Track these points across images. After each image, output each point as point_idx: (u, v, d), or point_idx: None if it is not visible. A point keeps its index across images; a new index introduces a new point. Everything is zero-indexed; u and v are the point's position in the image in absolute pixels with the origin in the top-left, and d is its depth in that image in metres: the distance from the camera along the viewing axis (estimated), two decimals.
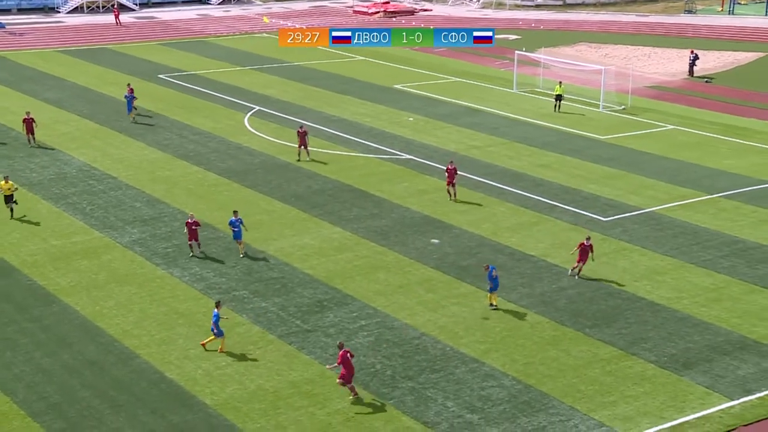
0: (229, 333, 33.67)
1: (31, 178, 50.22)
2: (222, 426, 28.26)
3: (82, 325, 34.27)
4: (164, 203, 46.84)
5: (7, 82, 72.69)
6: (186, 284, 37.77)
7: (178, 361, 31.85)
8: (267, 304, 36.15)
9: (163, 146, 56.66)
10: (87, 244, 41.53)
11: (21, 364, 31.44)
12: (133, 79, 74.26)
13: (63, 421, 28.29)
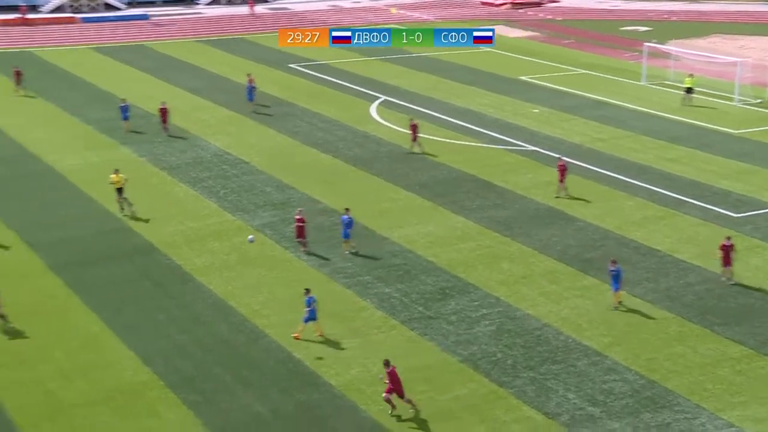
0: (354, 317, 34.25)
1: (170, 162, 51.82)
2: (346, 407, 28.75)
3: (214, 303, 35.31)
4: (293, 188, 47.75)
5: (150, 71, 75.01)
6: (313, 268, 38.45)
7: (305, 342, 32.50)
8: (390, 290, 36.51)
9: (293, 133, 57.70)
10: (220, 226, 42.68)
11: (160, 339, 32.63)
12: (265, 69, 75.98)
13: (197, 394, 29.29)
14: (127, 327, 33.27)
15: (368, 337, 32.97)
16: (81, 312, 34.34)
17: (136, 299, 35.45)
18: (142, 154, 52.96)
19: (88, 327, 33.27)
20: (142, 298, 35.63)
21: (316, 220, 42.58)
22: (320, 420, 28.19)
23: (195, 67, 76.95)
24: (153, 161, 51.77)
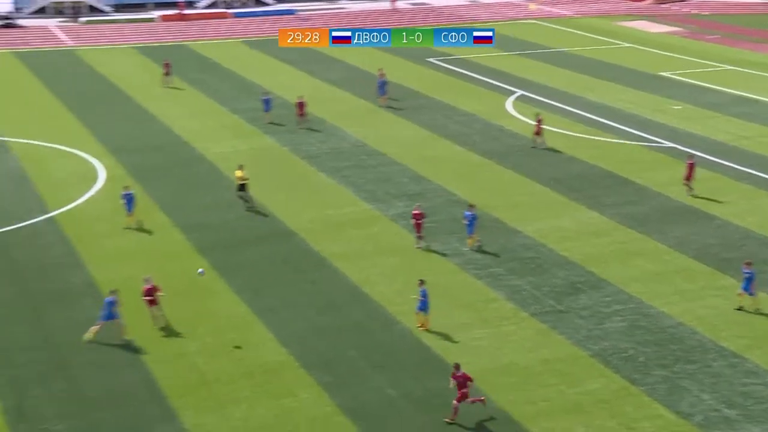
0: (484, 308, 34.34)
1: (311, 152, 52.81)
2: (476, 395, 28.72)
3: (350, 290, 35.92)
4: (428, 180, 48.06)
5: (294, 63, 76.43)
6: (445, 258, 38.67)
7: (436, 330, 32.75)
8: (521, 283, 36.42)
9: (429, 126, 58.01)
10: (357, 215, 43.34)
11: (298, 322, 33.38)
12: (404, 62, 76.50)
13: (331, 376, 29.91)
14: (267, 309, 34.18)
15: (498, 328, 33.00)
16: (225, 293, 35.44)
17: (276, 283, 36.36)
18: (285, 143, 54.22)
19: (231, 308, 34.31)
20: (281, 281, 36.52)
21: (449, 210, 42.87)
22: (449, 407, 28.33)
23: (336, 60, 78.07)
24: (294, 150, 52.93)
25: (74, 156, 51.60)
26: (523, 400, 28.64)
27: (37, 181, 47.55)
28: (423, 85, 68.81)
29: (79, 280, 36.32)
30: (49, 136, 55.06)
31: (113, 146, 53.11)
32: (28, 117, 59.44)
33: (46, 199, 44.92)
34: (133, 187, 45.37)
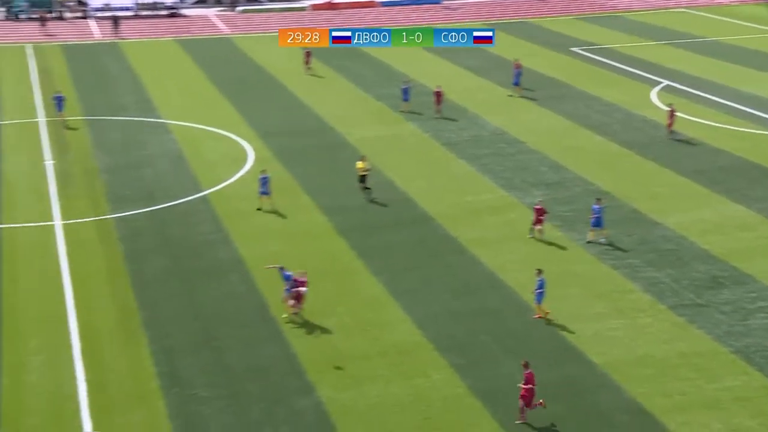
0: (620, 298, 33.88)
1: (451, 139, 52.93)
2: (609, 385, 28.60)
3: (486, 275, 36.00)
4: (567, 169, 47.55)
5: (437, 52, 75.87)
6: (582, 248, 38.27)
7: (570, 319, 32.52)
8: (660, 275, 35.71)
9: (570, 115, 57.30)
10: (494, 202, 43.30)
11: (433, 304, 33.68)
12: (547, 52, 75.71)
13: (464, 358, 30.14)
14: (404, 291, 34.61)
15: (634, 320, 32.51)
16: (363, 274, 36.04)
17: (413, 266, 36.72)
18: (426, 130, 54.53)
19: (369, 288, 34.90)
20: (419, 265, 36.85)
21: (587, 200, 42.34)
22: (582, 395, 28.23)
23: (479, 49, 77.57)
24: (435, 137, 53.19)
25: (227, 139, 53.24)
26: (658, 393, 28.18)
27: (193, 161, 49.32)
28: (565, 74, 67.91)
29: (226, 257, 37.56)
30: (205, 119, 56.88)
31: (262, 130, 54.53)
32: (187, 101, 61.61)
33: (199, 178, 46.57)
34: (279, 170, 46.71)
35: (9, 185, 45.63)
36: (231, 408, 27.53)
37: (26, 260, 37.34)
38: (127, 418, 27.09)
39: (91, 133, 54.18)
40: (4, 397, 28.02)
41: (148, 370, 29.45)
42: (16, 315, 32.87)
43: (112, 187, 45.30)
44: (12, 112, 58.55)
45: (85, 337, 31.44)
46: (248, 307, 33.36)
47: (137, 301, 33.86)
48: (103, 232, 40.00)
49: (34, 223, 40.99)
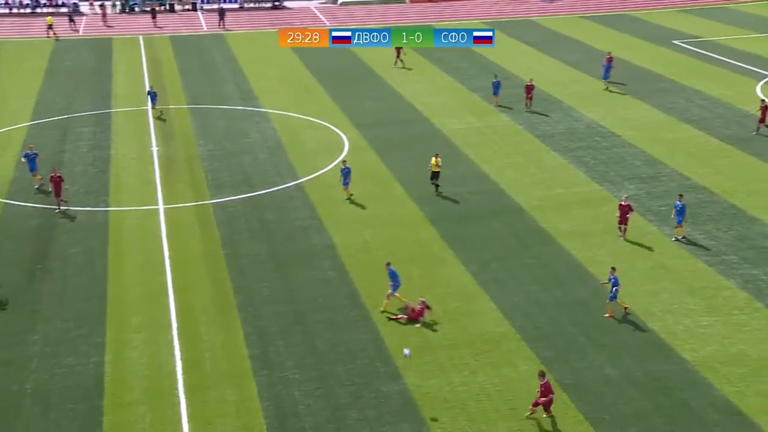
0: (714, 295, 33.11)
1: (545, 131, 52.42)
2: (699, 382, 28.03)
3: (574, 267, 35.59)
4: (663, 164, 46.59)
5: (535, 44, 75.88)
6: (674, 243, 37.50)
7: (661, 314, 31.95)
8: (758, 272, 34.79)
9: (668, 109, 56.07)
10: (586, 195, 42.72)
11: (521, 295, 33.49)
12: (647, 45, 74.19)
13: (551, 350, 29.90)
14: (492, 281, 34.50)
15: (729, 317, 31.76)
16: (453, 263, 36.02)
17: (502, 256, 36.56)
18: (520, 121, 54.08)
19: (457, 278, 34.86)
20: (508, 255, 36.67)
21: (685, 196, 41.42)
22: (671, 391, 27.69)
23: (577, 41, 76.76)
24: (529, 129, 52.71)
25: (324, 128, 53.73)
26: (753, 392, 27.52)
27: (290, 149, 49.93)
28: (666, 68, 66.41)
29: (320, 243, 37.96)
30: (303, 109, 57.50)
31: (358, 120, 54.86)
32: (286, 91, 62.37)
33: (296, 166, 47.15)
34: (373, 159, 46.94)
35: (118, 170, 46.97)
36: (319, 391, 27.88)
37: (131, 242, 38.39)
38: (219, 396, 27.68)
39: (195, 121, 55.35)
40: (107, 371, 28.94)
41: (241, 350, 30.03)
42: (120, 294, 33.87)
43: (212, 174, 46.23)
44: (123, 101, 60.20)
45: (182, 316, 32.23)
46: (339, 292, 33.67)
47: (232, 284, 34.51)
48: (203, 216, 40.87)
49: (139, 206, 42.12)
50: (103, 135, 52.75)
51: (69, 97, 60.56)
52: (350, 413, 26.82)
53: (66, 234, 39.06)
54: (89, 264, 36.27)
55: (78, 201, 42.62)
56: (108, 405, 27.30)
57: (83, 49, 76.00)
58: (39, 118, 55.82)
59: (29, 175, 45.33)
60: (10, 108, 58.22)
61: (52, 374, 28.85)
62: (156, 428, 26.29)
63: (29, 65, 69.93)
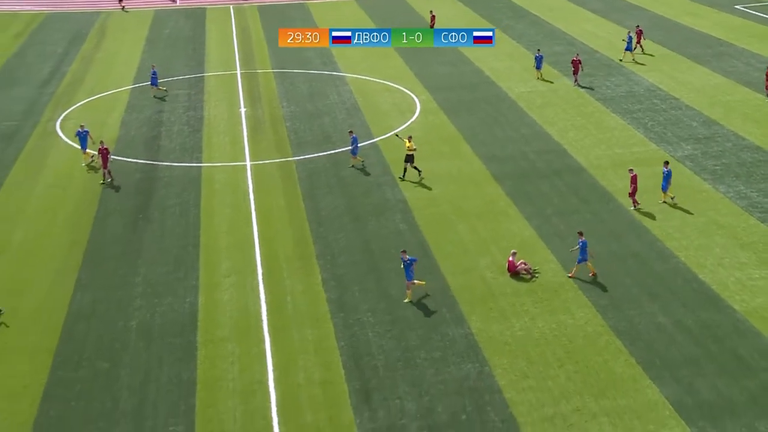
0: (764, 250, 32.58)
1: (606, 94, 51.60)
2: (748, 331, 27.72)
3: (631, 222, 35.25)
4: (719, 125, 45.61)
5: (598, 12, 74.26)
6: (729, 200, 36.85)
7: (713, 267, 31.56)
8: None
9: (727, 72, 54.66)
10: (644, 155, 42.07)
11: (570, 249, 33.20)
12: (708, 10, 72.12)
13: (606, 299, 29.82)
14: (552, 234, 34.40)
15: None
16: (516, 218, 35.97)
17: (562, 211, 36.37)
18: (582, 85, 53.26)
19: (520, 231, 34.82)
20: (568, 211, 36.46)
21: (738, 154, 40.70)
22: (720, 339, 27.44)
23: (638, 7, 74.86)
24: (590, 92, 51.95)
25: (397, 91, 53.71)
26: None
27: (366, 111, 50.08)
28: (727, 33, 64.51)
29: (392, 197, 38.21)
30: (378, 73, 57.52)
31: (430, 84, 54.65)
32: (362, 56, 62.34)
33: (371, 126, 47.33)
34: (444, 120, 46.78)
35: (210, 129, 47.77)
36: (390, 333, 28.30)
37: (221, 196, 39.10)
38: (300, 336, 28.30)
39: (280, 85, 55.82)
40: (201, 311, 29.78)
41: (320, 295, 30.58)
42: (211, 242, 34.65)
43: (295, 133, 46.72)
44: (215, 65, 60.96)
45: (266, 263, 32.89)
46: (409, 243, 33.91)
47: (312, 234, 35.02)
48: (286, 172, 41.41)
49: (228, 163, 42.84)
50: (197, 97, 53.61)
51: (167, 63, 61.51)
52: (419, 354, 27.21)
53: (164, 188, 40.01)
54: (184, 215, 37.15)
55: (175, 158, 43.57)
56: (201, 340, 28.16)
57: (180, 19, 76.97)
58: (140, 82, 56.93)
59: (132, 132, 46.37)
60: (116, 73, 59.48)
61: (153, 312, 29.84)
62: (243, 362, 27.06)
63: (132, 34, 71.13)
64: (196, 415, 24.86)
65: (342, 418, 24.53)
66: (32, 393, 25.96)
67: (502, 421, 24.31)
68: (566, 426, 24.01)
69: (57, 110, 51.23)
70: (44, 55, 64.21)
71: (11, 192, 39.83)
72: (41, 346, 28.18)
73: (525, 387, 25.60)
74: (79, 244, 34.68)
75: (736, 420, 24.01)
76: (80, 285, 31.66)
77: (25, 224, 36.58)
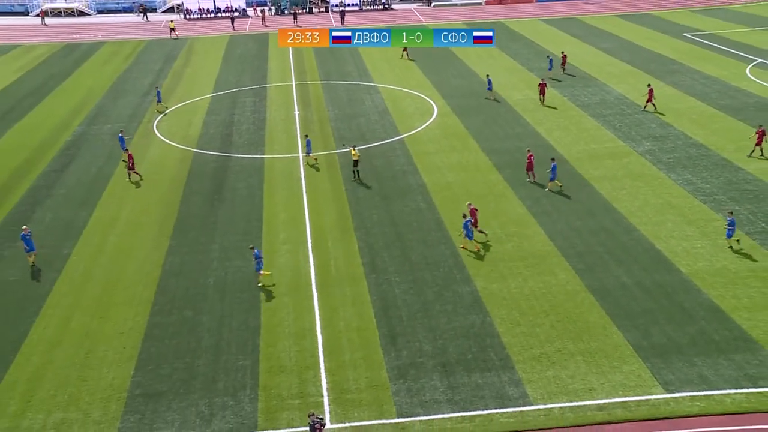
0: (706, 225, 31.87)
1: (584, 101, 50.55)
2: (691, 289, 27.29)
3: (603, 204, 34.62)
4: (672, 126, 44.61)
5: (578, 36, 72.69)
6: (679, 186, 36.07)
7: (665, 238, 30.97)
8: (739, 208, 33.27)
9: (678, 86, 53.39)
10: (613, 150, 41.26)
11: (561, 223, 32.84)
12: (663, 36, 70.51)
13: (583, 264, 29.31)
14: (541, 212, 33.87)
15: (715, 241, 30.66)
16: (512, 199, 35.45)
17: (549, 194, 35.75)
18: (565, 94, 52.33)
19: (515, 209, 34.32)
20: (553, 194, 35.80)
21: (687, 150, 39.76)
22: (670, 295, 27.02)
23: (610, 34, 73.46)
24: (571, 100, 50.99)
25: (418, 97, 53.04)
26: (730, 296, 26.71)
27: (393, 113, 49.52)
28: (677, 54, 63.05)
29: (414, 182, 37.77)
30: (403, 83, 56.83)
31: (445, 92, 53.89)
32: (390, 70, 61.76)
33: (398, 126, 46.79)
34: (455, 121, 46.05)
35: (270, 128, 47.50)
36: (412, 290, 28.03)
37: (279, 180, 38.89)
38: (341, 292, 28.13)
39: (326, 93, 55.36)
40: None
41: (356, 259, 30.34)
42: (271, 218, 34.50)
43: (337, 130, 46.29)
44: (275, 78, 60.58)
45: (315, 234, 32.69)
46: (428, 219, 33.60)
47: (351, 211, 34.74)
48: (330, 162, 41.08)
49: (285, 154, 42.59)
50: (260, 103, 53.31)
51: (238, 76, 61.26)
52: (434, 306, 26.95)
53: (234, 174, 39.85)
54: (250, 195, 36.99)
55: (243, 150, 43.37)
56: (263, 295, 28.06)
57: (249, 42, 76.57)
58: (218, 91, 56.73)
59: (211, 131, 46.17)
60: (200, 84, 59.33)
61: (226, 272, 29.77)
62: (297, 312, 26.93)
63: (212, 54, 70.91)
64: (260, 352, 24.79)
65: (374, 357, 24.36)
66: (136, 333, 26.03)
67: (500, 359, 24.03)
68: (550, 363, 23.70)
69: (154, 114, 51.17)
70: (145, 71, 64.15)
71: (120, 178, 39.89)
72: (142, 297, 28.24)
73: (518, 333, 25.27)
74: (170, 218, 34.67)
75: (680, 357, 23.75)
76: (171, 250, 31.65)
77: (131, 203, 36.62)
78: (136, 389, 23.31)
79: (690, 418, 21.42)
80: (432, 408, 22.13)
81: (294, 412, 22.16)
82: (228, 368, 24.04)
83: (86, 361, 24.60)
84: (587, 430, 21.16)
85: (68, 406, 22.73)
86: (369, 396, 22.67)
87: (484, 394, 22.55)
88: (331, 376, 23.50)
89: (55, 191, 38.05)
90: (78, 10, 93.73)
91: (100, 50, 72.99)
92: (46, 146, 44.93)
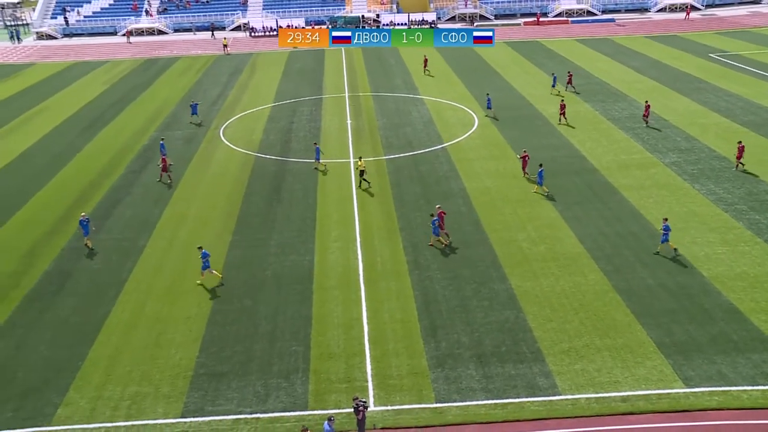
0: (727, 232, 30.95)
1: (614, 115, 49.56)
2: (712, 291, 26.61)
3: (630, 210, 33.96)
4: (697, 140, 43.46)
5: (609, 55, 71.42)
6: (702, 195, 35.16)
7: (688, 244, 30.23)
8: (760, 218, 32.36)
9: (703, 102, 51.98)
10: (641, 161, 40.40)
11: (591, 227, 32.08)
12: (690, 57, 68.73)
13: (611, 266, 28.81)
14: (572, 218, 33.38)
15: (736, 247, 29.78)
16: (546, 205, 34.97)
17: (580, 201, 35.22)
18: (596, 108, 51.44)
19: (549, 214, 33.90)
20: (584, 201, 35.30)
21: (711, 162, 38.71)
22: (692, 296, 26.38)
23: (639, 54, 71.90)
24: (603, 114, 50.09)
25: (460, 109, 52.74)
26: (748, 299, 25.97)
27: (437, 123, 49.30)
28: (703, 73, 61.36)
29: (456, 187, 37.57)
30: (447, 96, 56.55)
31: (485, 104, 53.51)
32: (435, 84, 61.57)
33: (441, 135, 46.59)
34: (495, 132, 45.63)
35: (325, 135, 47.78)
36: (452, 286, 27.90)
37: (332, 183, 39.03)
38: (386, 287, 28.14)
39: (376, 104, 55.45)
40: (316, 266, 29.86)
41: (401, 257, 30.32)
42: (324, 217, 34.67)
43: (386, 138, 46.32)
44: (330, 90, 60.91)
45: (363, 233, 32.75)
46: (467, 220, 33.40)
47: (397, 212, 34.72)
48: (379, 167, 41.11)
49: (337, 159, 42.78)
50: (316, 112, 53.67)
51: (296, 88, 61.80)
52: (472, 302, 26.78)
53: (292, 177, 40.18)
54: (305, 197, 37.24)
55: (300, 155, 43.74)
56: (316, 288, 28.24)
57: (307, 57, 77.18)
58: (278, 101, 57.34)
59: (271, 137, 46.62)
60: (262, 94, 60.04)
61: (282, 266, 30.05)
62: (345, 305, 27.03)
63: (274, 68, 71.70)
64: (311, 340, 24.96)
65: (415, 347, 24.31)
66: (200, 319, 26.47)
67: (532, 352, 23.75)
68: (578, 357, 23.35)
69: (221, 121, 51.99)
70: (214, 83, 65.23)
71: (190, 178, 40.63)
72: (207, 286, 28.66)
73: (549, 328, 24.94)
74: (232, 215, 35.15)
75: (700, 355, 23.21)
76: (233, 244, 32.09)
77: (198, 201, 37.26)
78: (200, 369, 23.70)
79: (708, 411, 20.97)
80: (467, 395, 22.00)
81: (341, 394, 22.27)
82: (282, 353, 24.26)
83: (157, 342, 25.12)
84: (611, 419, 20.81)
85: (141, 381, 23.26)
86: (410, 382, 22.64)
87: (516, 384, 22.33)
88: (376, 363, 23.53)
89: (134, 190, 38.95)
90: (158, 29, 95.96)
91: (175, 64, 74.49)
92: (126, 150, 46.04)
